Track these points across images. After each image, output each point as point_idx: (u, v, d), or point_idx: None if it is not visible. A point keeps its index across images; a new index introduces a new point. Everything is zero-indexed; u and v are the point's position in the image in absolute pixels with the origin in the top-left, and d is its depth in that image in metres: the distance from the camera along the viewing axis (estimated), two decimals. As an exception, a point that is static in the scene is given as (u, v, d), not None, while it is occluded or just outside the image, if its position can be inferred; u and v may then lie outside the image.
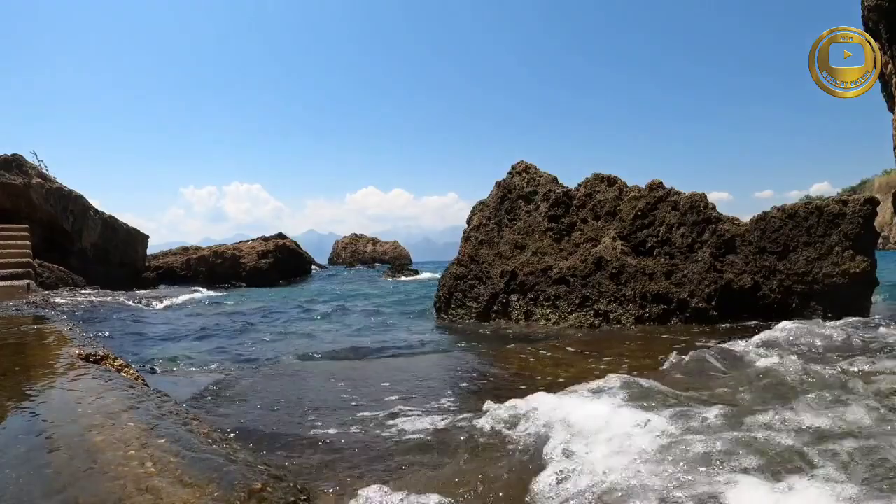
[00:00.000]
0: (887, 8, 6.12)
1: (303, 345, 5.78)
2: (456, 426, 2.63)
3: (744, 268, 6.12)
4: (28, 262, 9.80)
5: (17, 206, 12.36)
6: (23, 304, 5.69)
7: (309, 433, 2.60)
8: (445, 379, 3.99)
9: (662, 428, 2.21)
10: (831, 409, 2.45)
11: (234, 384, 3.75)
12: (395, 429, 2.65)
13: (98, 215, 15.50)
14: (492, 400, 2.82)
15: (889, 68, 6.53)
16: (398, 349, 5.43)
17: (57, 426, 1.32)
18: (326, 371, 4.43)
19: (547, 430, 2.32)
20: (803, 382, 3.03)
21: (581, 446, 2.09)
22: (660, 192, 6.93)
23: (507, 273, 6.95)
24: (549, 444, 2.17)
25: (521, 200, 7.77)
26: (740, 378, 3.26)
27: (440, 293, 7.68)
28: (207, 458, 1.11)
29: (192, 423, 1.37)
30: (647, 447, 2.03)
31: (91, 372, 1.89)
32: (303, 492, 1.03)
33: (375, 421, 2.79)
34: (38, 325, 3.33)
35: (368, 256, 45.15)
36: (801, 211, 6.15)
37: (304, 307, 10.02)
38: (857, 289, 5.77)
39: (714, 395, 2.93)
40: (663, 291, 6.07)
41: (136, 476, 1.00)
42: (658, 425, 2.24)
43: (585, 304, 6.34)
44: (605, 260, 6.42)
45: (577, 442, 2.14)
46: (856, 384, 2.84)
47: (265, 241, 23.43)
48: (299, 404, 3.23)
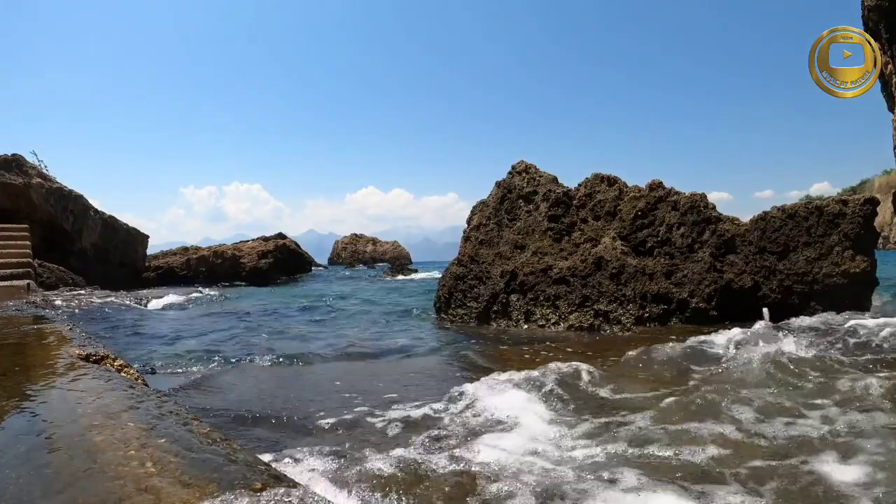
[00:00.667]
0: (887, 8, 6.12)
1: (298, 344, 5.79)
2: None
3: (744, 268, 6.13)
4: (28, 262, 9.79)
5: (17, 206, 12.36)
6: (23, 304, 5.69)
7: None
8: (434, 380, 4.02)
9: (553, 401, 3.10)
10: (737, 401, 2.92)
11: (220, 381, 3.83)
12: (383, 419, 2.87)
13: (98, 215, 15.50)
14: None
15: (889, 68, 6.54)
16: (396, 349, 5.43)
17: (57, 426, 1.32)
18: (317, 370, 4.46)
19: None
20: (742, 382, 3.38)
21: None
22: (660, 192, 6.94)
23: (507, 273, 6.94)
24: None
25: (521, 200, 7.77)
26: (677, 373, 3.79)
27: (440, 293, 7.68)
28: (207, 458, 1.11)
29: (192, 423, 1.37)
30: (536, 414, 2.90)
31: (91, 372, 1.89)
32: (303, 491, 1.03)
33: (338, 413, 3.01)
34: (38, 325, 3.33)
35: (368, 256, 45.14)
36: (801, 211, 6.15)
37: (302, 307, 10.02)
38: (857, 289, 5.77)
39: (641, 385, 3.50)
40: (663, 291, 6.07)
41: (136, 476, 1.00)
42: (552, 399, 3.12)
43: (585, 304, 6.34)
44: (605, 260, 6.42)
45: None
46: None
47: (265, 241, 23.41)
48: (281, 398, 3.34)
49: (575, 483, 1.95)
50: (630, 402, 3.14)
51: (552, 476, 2.03)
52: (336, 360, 4.98)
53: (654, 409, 2.90)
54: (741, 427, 2.57)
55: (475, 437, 2.56)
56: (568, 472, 2.08)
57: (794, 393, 3.11)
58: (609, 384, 3.46)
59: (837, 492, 1.92)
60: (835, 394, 3.03)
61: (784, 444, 2.37)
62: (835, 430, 2.47)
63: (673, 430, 2.54)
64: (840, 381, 3.25)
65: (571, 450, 2.41)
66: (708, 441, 2.39)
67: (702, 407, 2.86)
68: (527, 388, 3.24)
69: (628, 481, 1.96)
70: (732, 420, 2.67)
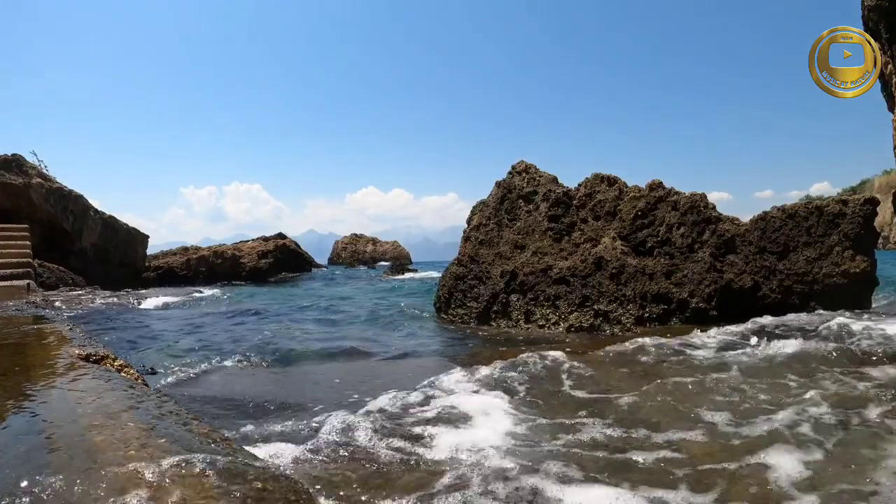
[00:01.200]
0: (887, 8, 6.12)
1: (296, 343, 5.78)
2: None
3: (744, 268, 6.13)
4: (28, 262, 9.80)
5: (17, 206, 12.36)
6: (23, 304, 5.69)
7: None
8: (426, 375, 4.07)
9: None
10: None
11: (220, 380, 3.86)
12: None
13: (98, 215, 15.50)
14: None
15: (889, 68, 6.54)
16: (393, 349, 5.44)
17: (57, 426, 1.32)
18: (316, 370, 4.47)
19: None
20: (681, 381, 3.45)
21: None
22: (660, 192, 6.93)
23: (507, 273, 6.94)
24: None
25: (521, 200, 7.77)
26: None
27: (440, 293, 7.68)
28: (207, 458, 1.11)
29: (192, 423, 1.37)
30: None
31: (91, 372, 1.89)
32: (303, 492, 1.03)
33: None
34: (38, 325, 3.33)
35: (368, 256, 45.13)
36: (801, 211, 6.15)
37: (301, 306, 10.01)
38: (857, 289, 5.78)
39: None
40: (663, 291, 6.07)
41: (137, 476, 1.00)
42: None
43: (585, 304, 6.34)
44: (605, 260, 6.42)
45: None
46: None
47: (265, 241, 23.41)
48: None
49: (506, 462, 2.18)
50: (596, 399, 3.28)
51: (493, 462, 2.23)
52: (335, 360, 4.98)
53: (619, 404, 3.03)
54: (697, 426, 2.62)
55: (436, 422, 2.75)
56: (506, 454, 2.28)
57: (760, 393, 3.15)
58: (579, 379, 3.60)
59: (785, 492, 1.94)
60: (805, 393, 3.06)
61: (738, 444, 2.42)
62: (795, 432, 2.50)
63: (631, 427, 2.65)
64: (812, 381, 3.31)
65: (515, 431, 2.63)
66: (661, 441, 2.45)
67: (662, 406, 2.94)
68: (496, 381, 3.48)
69: (567, 474, 2.09)
70: (690, 419, 2.73)
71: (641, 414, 2.87)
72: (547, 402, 3.19)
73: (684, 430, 2.58)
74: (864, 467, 2.10)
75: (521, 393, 3.35)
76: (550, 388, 3.46)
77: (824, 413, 2.71)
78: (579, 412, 2.96)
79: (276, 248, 22.11)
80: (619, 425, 2.69)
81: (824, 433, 2.45)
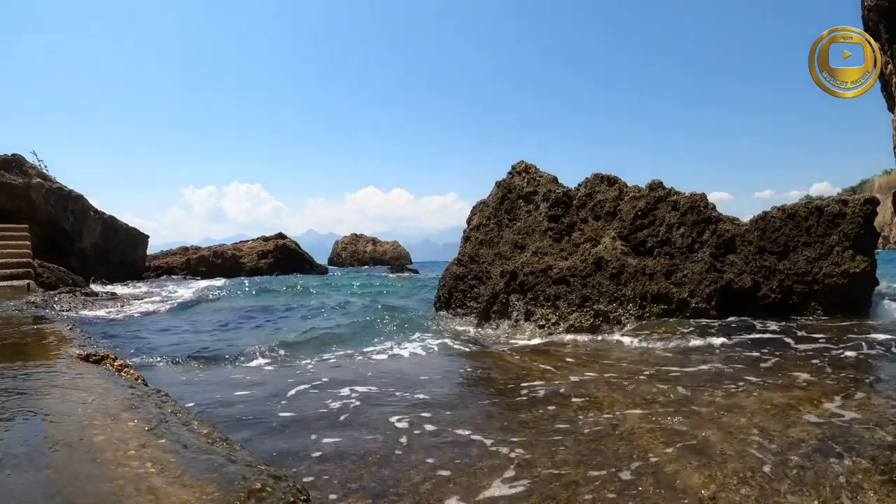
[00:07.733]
0: (887, 8, 6.12)
1: (294, 343, 5.77)
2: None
3: (744, 268, 6.12)
4: (28, 262, 9.79)
5: (17, 206, 12.36)
6: (23, 304, 5.69)
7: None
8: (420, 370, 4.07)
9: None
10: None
11: (220, 378, 3.86)
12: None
13: (98, 215, 15.51)
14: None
15: (889, 68, 6.54)
16: (391, 348, 5.44)
17: (57, 426, 1.32)
18: (314, 369, 4.47)
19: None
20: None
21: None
22: (660, 192, 6.93)
23: (508, 273, 6.94)
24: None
25: (521, 200, 7.77)
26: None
27: (440, 293, 7.68)
28: (207, 458, 1.11)
29: (192, 423, 1.37)
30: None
31: (91, 372, 1.89)
32: (302, 492, 1.03)
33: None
34: (38, 325, 3.33)
35: (368, 256, 45.14)
36: (801, 211, 6.15)
37: (300, 306, 10.00)
38: (858, 289, 5.77)
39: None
40: (663, 291, 6.07)
41: (136, 476, 1.00)
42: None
43: (585, 305, 6.34)
44: (605, 260, 6.42)
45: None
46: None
47: (265, 241, 23.43)
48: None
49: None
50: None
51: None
52: (334, 359, 4.98)
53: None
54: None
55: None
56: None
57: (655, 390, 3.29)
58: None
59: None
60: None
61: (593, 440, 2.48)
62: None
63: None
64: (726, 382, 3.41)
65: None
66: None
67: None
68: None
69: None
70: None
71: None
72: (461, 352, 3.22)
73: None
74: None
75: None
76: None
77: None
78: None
79: (275, 248, 22.14)
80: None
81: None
